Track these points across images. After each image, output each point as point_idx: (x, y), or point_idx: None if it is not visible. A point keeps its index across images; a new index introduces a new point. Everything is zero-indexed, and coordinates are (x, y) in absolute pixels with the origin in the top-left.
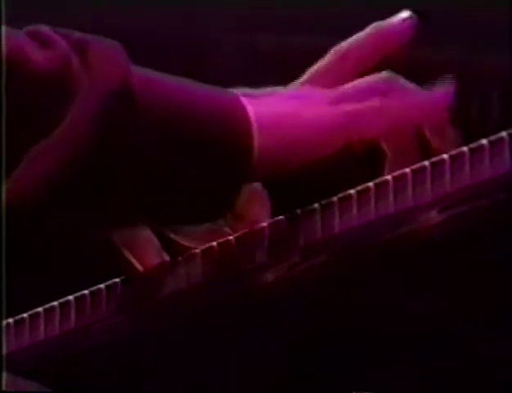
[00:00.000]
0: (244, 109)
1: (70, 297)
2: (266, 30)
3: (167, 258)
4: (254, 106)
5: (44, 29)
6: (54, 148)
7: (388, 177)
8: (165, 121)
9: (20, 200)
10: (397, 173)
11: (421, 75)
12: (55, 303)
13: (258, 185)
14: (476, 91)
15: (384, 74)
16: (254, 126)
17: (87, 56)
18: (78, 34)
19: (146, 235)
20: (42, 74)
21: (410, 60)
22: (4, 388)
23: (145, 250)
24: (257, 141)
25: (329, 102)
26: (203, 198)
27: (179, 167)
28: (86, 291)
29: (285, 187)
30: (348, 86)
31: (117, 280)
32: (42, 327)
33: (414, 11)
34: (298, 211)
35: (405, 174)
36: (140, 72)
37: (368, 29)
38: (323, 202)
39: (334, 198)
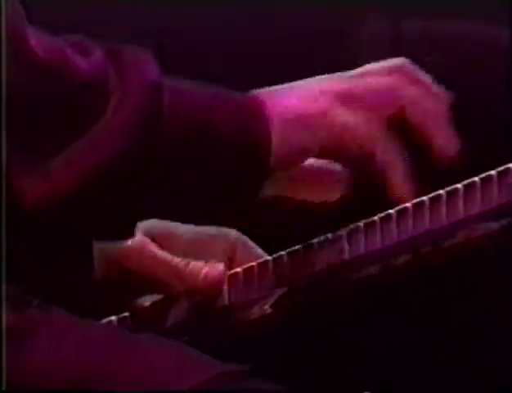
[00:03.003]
0: (263, 107)
1: None
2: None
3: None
4: (272, 103)
5: (81, 38)
6: (90, 147)
7: (425, 198)
8: (189, 126)
9: (51, 196)
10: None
11: None
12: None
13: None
14: None
15: (397, 60)
16: (274, 123)
17: (120, 64)
18: (111, 44)
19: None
20: (82, 79)
21: None
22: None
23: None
24: (274, 138)
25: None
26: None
27: (202, 169)
28: None
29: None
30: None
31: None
32: None
33: None
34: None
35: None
36: (168, 80)
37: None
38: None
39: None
